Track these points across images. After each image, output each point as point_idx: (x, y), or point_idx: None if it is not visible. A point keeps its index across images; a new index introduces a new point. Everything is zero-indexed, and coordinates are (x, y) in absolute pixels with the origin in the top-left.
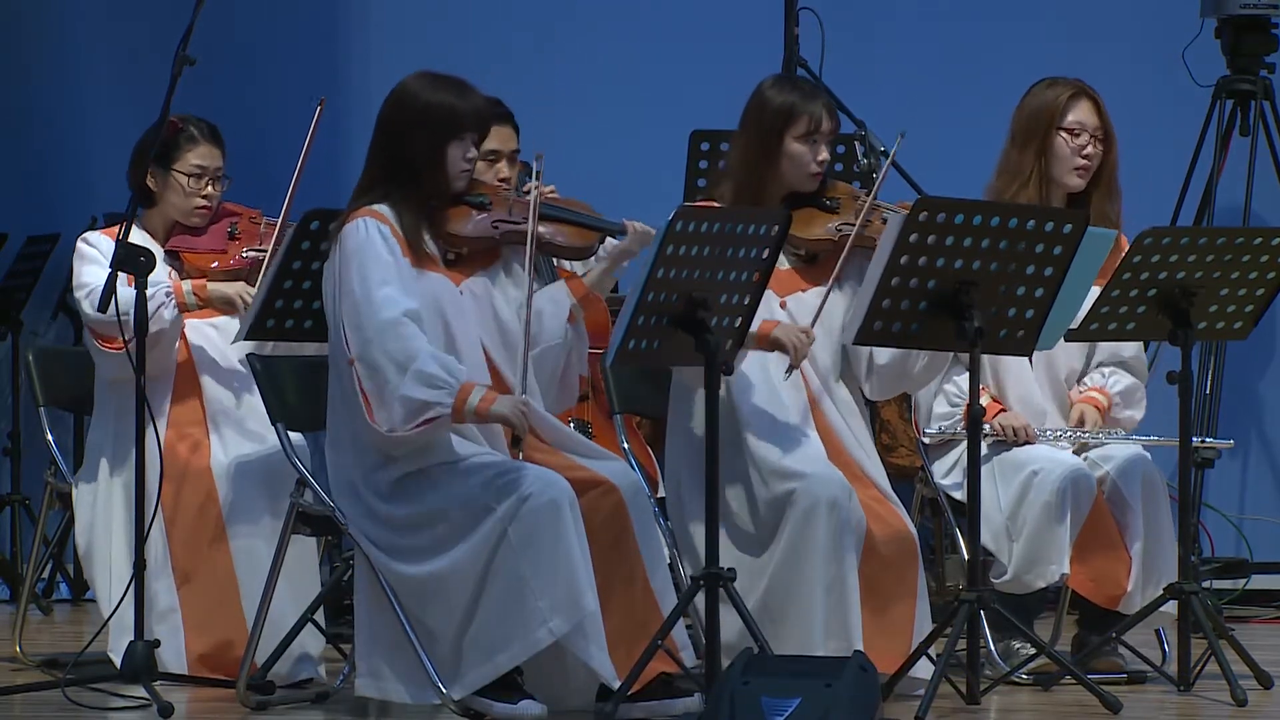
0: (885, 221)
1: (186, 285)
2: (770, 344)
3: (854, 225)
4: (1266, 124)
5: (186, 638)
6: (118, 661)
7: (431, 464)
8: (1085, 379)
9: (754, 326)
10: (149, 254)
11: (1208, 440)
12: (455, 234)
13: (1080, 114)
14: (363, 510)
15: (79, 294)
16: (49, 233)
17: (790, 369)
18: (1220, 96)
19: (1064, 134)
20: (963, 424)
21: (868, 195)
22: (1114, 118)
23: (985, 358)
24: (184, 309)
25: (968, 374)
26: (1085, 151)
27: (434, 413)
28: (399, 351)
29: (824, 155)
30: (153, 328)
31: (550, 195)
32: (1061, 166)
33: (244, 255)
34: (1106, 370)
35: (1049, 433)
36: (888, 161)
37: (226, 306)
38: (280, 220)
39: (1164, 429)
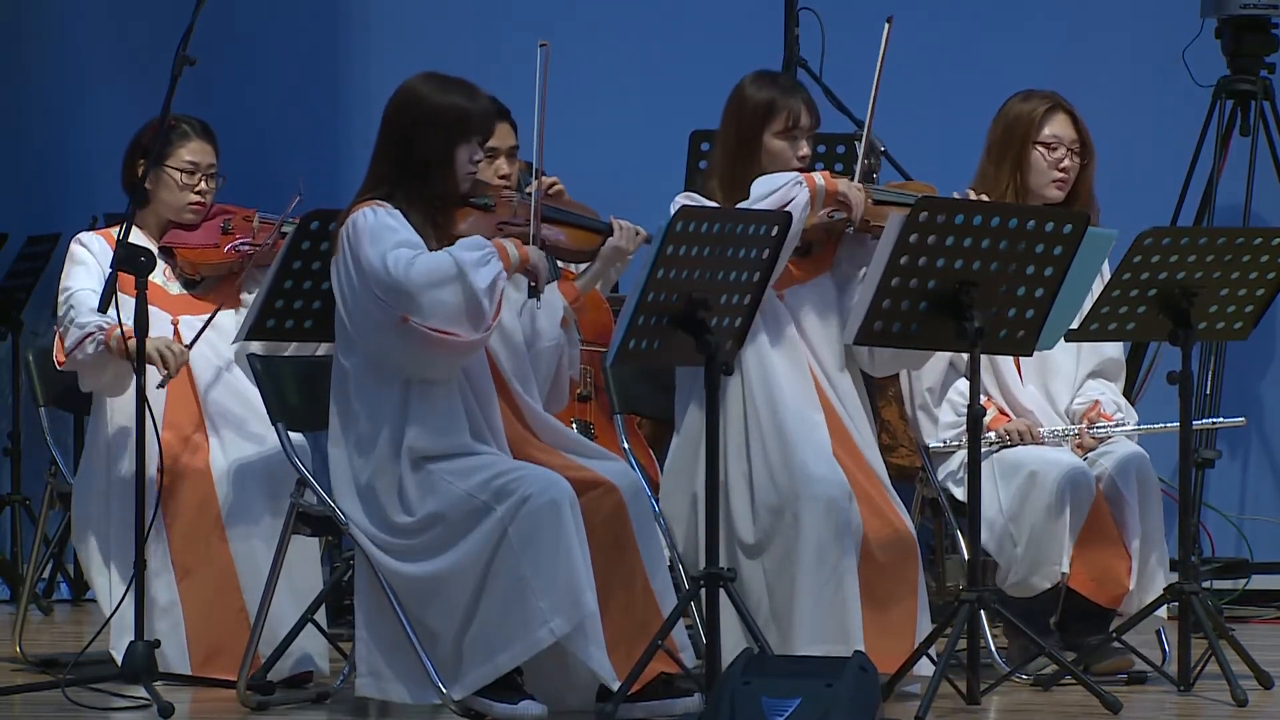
0: (878, 202)
1: (117, 333)
2: (839, 199)
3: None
4: (1267, 124)
5: (188, 634)
6: (120, 660)
7: (438, 453)
8: (1079, 398)
9: (820, 180)
10: (149, 254)
11: (1218, 420)
12: (461, 235)
13: (1056, 127)
14: (363, 510)
15: (60, 296)
16: (49, 233)
17: (847, 222)
18: (1220, 96)
19: (1040, 148)
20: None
21: (852, 179)
22: (1114, 118)
23: (985, 367)
24: (107, 349)
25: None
26: (1062, 165)
27: (501, 281)
28: (436, 274)
29: (805, 150)
30: (78, 355)
31: (556, 189)
32: (1039, 179)
33: (237, 249)
34: (1094, 388)
35: (1053, 433)
36: (878, 66)
37: (152, 361)
38: (277, 226)
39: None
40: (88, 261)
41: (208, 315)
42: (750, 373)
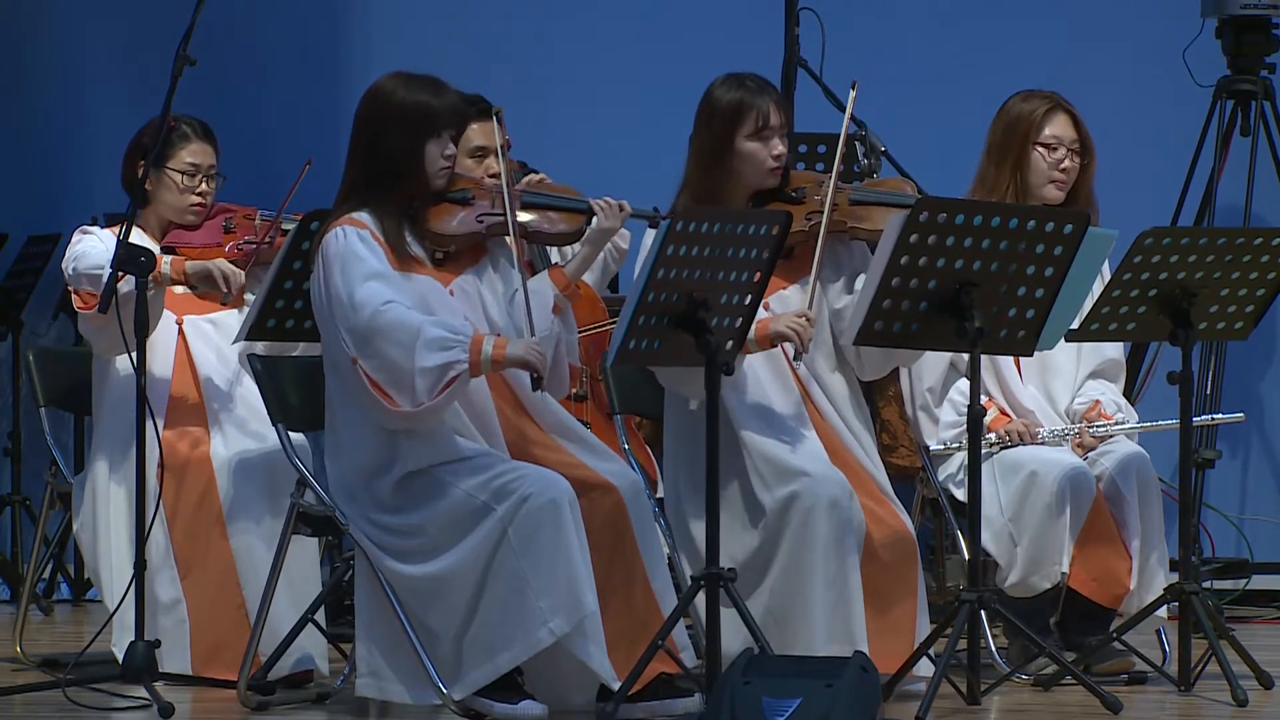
0: (855, 202)
1: (165, 258)
2: (773, 339)
3: (822, 213)
4: (1267, 124)
5: (192, 632)
6: (121, 658)
7: (433, 464)
8: (1079, 398)
9: (751, 333)
10: (149, 254)
11: (1217, 416)
12: (440, 233)
13: (1056, 128)
14: (363, 512)
15: (68, 261)
16: (50, 232)
17: (799, 355)
18: (1221, 97)
19: (1040, 149)
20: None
21: (828, 177)
22: (1114, 118)
23: (986, 367)
24: (158, 280)
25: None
26: (1062, 165)
27: (454, 372)
28: (398, 332)
29: (779, 150)
30: (122, 288)
31: (539, 182)
32: (1039, 180)
33: (239, 247)
34: (1094, 388)
35: (1052, 433)
36: (846, 116)
37: (205, 282)
38: (274, 221)
39: (1164, 431)
40: (96, 237)
41: (215, 313)
42: (734, 386)
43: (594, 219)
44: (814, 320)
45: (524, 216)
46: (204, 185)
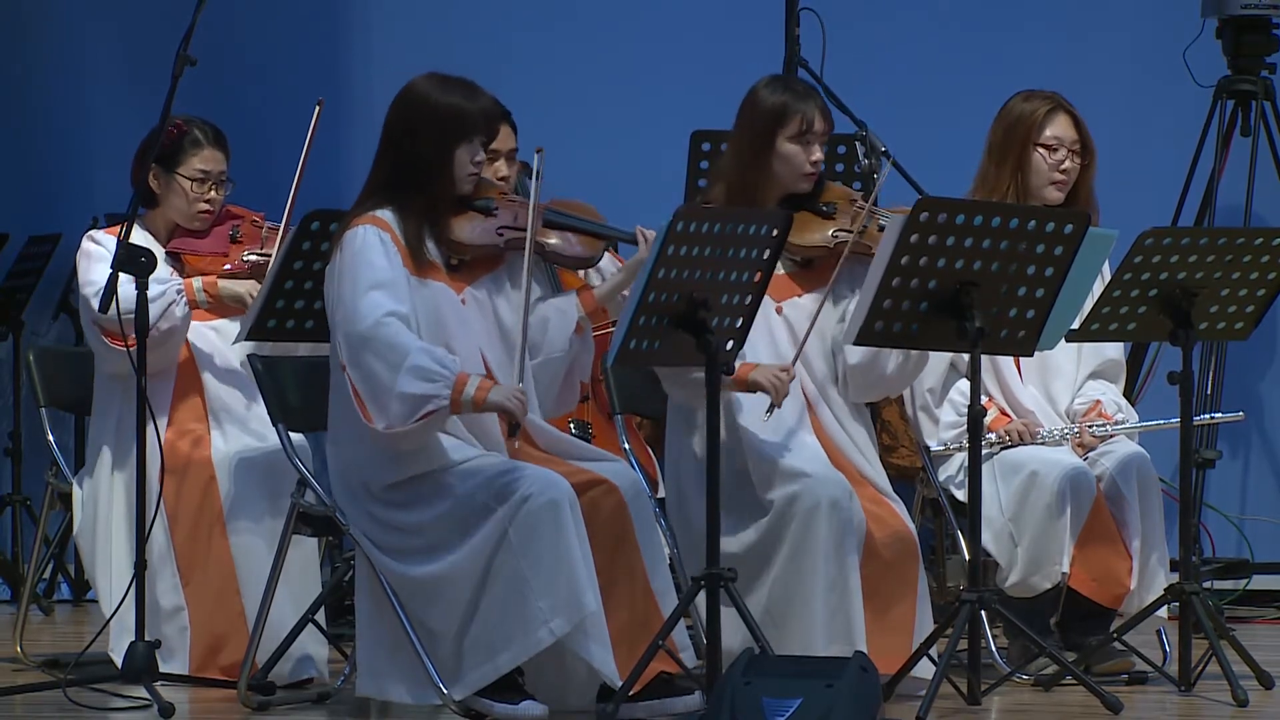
0: (882, 229)
1: (197, 282)
2: (749, 386)
3: (850, 232)
4: (1267, 124)
5: (192, 638)
6: (118, 661)
7: (431, 469)
8: (1079, 398)
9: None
10: (149, 254)
11: (1216, 415)
12: (459, 241)
13: (1057, 129)
14: (363, 511)
15: (86, 291)
16: (50, 233)
17: (771, 408)
18: (1221, 97)
19: (1041, 149)
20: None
21: (864, 199)
22: (1115, 118)
23: (986, 367)
24: (194, 306)
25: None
26: (1063, 166)
27: (432, 405)
28: (388, 350)
29: (817, 156)
30: (164, 325)
31: (563, 203)
32: (1040, 180)
33: (245, 259)
34: (1094, 388)
35: (1053, 433)
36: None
37: (236, 304)
38: (283, 223)
39: (1164, 431)
40: (106, 257)
41: (215, 321)
42: (734, 397)
43: (636, 250)
44: (793, 375)
45: (546, 238)
46: (213, 192)
